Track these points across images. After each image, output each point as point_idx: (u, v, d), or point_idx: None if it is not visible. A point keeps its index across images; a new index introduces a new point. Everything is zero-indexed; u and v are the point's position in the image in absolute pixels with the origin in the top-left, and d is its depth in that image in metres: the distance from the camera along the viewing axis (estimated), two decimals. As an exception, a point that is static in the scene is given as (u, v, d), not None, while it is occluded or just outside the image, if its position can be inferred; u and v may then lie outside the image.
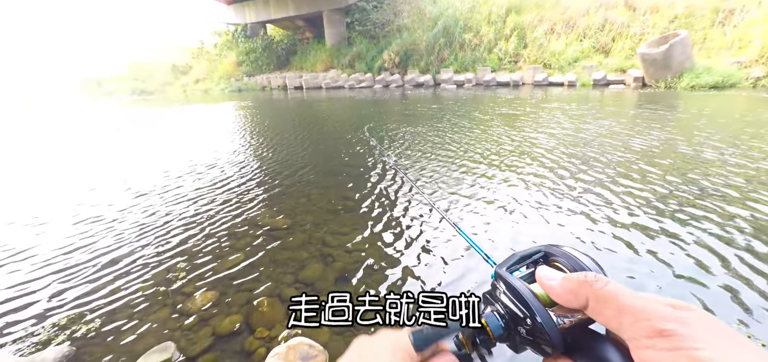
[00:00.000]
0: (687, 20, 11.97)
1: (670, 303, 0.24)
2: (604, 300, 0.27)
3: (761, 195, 2.84)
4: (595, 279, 0.29)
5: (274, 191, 3.64)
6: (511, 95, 10.83)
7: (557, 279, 0.32)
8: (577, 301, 0.29)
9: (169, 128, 8.77)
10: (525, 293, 0.33)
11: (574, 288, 0.30)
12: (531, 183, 3.38)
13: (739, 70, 9.87)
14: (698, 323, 0.22)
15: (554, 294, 0.31)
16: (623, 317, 0.25)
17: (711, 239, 2.28)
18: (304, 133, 6.63)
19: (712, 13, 11.64)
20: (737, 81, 9.64)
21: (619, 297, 0.26)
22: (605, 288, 0.27)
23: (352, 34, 19.36)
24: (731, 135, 4.70)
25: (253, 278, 2.17)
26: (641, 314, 0.24)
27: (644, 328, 0.24)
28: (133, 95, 24.29)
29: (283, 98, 14.76)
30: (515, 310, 0.33)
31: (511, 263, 0.38)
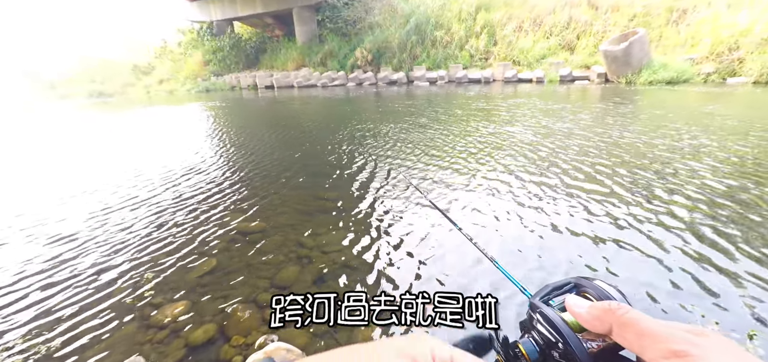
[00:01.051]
0: (645, 19, 12.62)
1: (689, 329, 0.27)
2: (626, 325, 0.30)
3: (710, 178, 3.04)
4: (618, 306, 0.32)
5: (247, 194, 3.53)
6: (483, 92, 11.05)
7: (585, 307, 0.35)
8: (602, 326, 0.33)
9: (133, 132, 8.35)
10: (557, 320, 0.36)
11: (599, 314, 0.33)
12: (515, 176, 3.46)
13: (691, 66, 10.51)
14: (710, 345, 0.25)
15: (582, 320, 0.35)
16: (643, 340, 0.28)
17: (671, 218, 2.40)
18: (277, 133, 6.49)
19: (667, 13, 12.34)
20: (690, 77, 10.27)
21: (639, 323, 0.29)
22: (627, 315, 0.31)
23: (323, 32, 19.12)
24: (685, 125, 5.00)
25: (226, 285, 2.09)
26: (659, 337, 0.27)
27: (661, 350, 0.26)
28: (91, 97, 22.98)
29: (254, 97, 14.39)
30: (549, 336, 0.37)
31: (544, 293, 0.41)
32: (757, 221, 2.40)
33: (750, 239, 2.20)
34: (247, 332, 1.72)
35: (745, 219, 2.43)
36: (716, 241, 2.20)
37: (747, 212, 2.53)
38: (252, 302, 1.93)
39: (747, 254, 2.06)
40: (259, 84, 18.40)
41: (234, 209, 3.14)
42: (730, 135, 4.42)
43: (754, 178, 3.10)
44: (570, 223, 2.53)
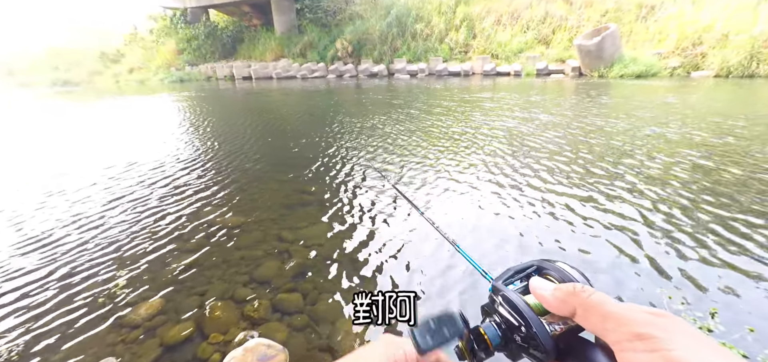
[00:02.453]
0: (616, 14, 13.01)
1: (651, 311, 0.27)
2: (590, 308, 0.30)
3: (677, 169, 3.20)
4: (582, 289, 0.32)
5: (225, 187, 3.46)
6: (463, 85, 11.16)
7: (548, 289, 0.35)
8: (566, 309, 0.32)
9: (102, 123, 7.98)
10: (519, 303, 0.35)
11: (563, 297, 0.33)
12: (494, 167, 3.52)
13: (659, 60, 10.95)
14: (672, 327, 0.25)
15: (546, 303, 0.34)
16: (607, 323, 0.28)
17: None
18: (255, 125, 6.36)
19: (637, 9, 12.76)
20: (658, 70, 10.69)
21: (603, 305, 0.29)
22: (591, 298, 0.30)
23: (302, 22, 18.76)
24: (651, 116, 5.22)
25: (204, 281, 2.06)
26: (623, 320, 0.27)
27: (625, 333, 0.26)
28: (55, 85, 21.80)
29: (231, 88, 14.02)
30: (511, 320, 0.36)
31: (506, 277, 0.40)
32: (712, 200, 2.54)
33: (707, 221, 2.33)
34: (226, 329, 1.69)
35: (702, 200, 2.57)
36: (677, 222, 2.33)
37: (702, 194, 2.68)
38: (230, 298, 1.90)
39: (708, 234, 2.19)
40: (237, 75, 17.91)
41: (211, 204, 3.07)
42: (690, 124, 4.65)
43: (708, 162, 3.28)
44: (537, 208, 2.61)
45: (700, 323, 1.58)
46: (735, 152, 3.70)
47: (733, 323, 1.57)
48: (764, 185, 2.89)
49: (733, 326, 1.56)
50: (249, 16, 21.44)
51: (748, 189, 2.83)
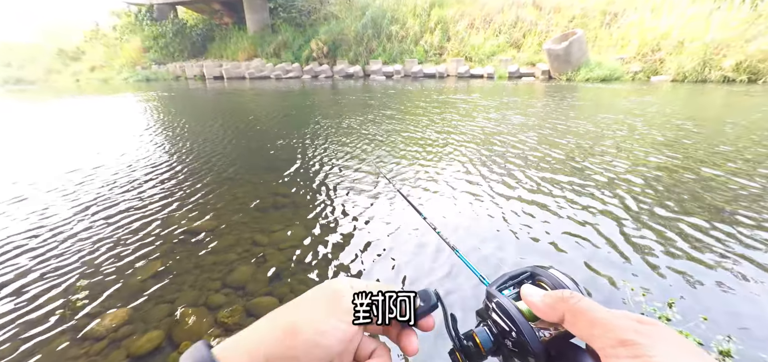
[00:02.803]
0: (582, 20, 13.59)
1: (636, 317, 0.28)
2: (578, 314, 0.31)
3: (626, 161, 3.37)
4: (571, 295, 0.32)
5: (196, 191, 3.34)
6: (438, 86, 11.31)
7: (538, 296, 0.35)
8: (555, 315, 0.33)
9: (62, 124, 7.53)
10: (511, 309, 0.36)
11: (552, 303, 0.33)
12: (470, 168, 3.58)
13: (622, 65, 11.52)
14: (656, 335, 0.26)
15: (535, 309, 0.35)
16: (594, 329, 0.29)
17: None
18: (228, 127, 6.19)
19: (601, 15, 13.38)
20: (621, 75, 11.25)
21: (590, 311, 0.30)
22: (579, 304, 0.31)
23: (276, 21, 18.44)
24: (614, 117, 5.48)
25: (174, 288, 1.98)
26: (608, 326, 0.27)
27: (610, 339, 0.27)
28: (7, 84, 20.39)
29: (202, 88, 13.58)
30: (502, 325, 0.37)
31: (500, 282, 0.41)
32: (671, 198, 2.70)
33: (667, 217, 2.47)
34: (198, 336, 1.64)
35: (662, 198, 2.73)
36: (640, 219, 2.46)
37: (662, 192, 2.84)
38: (202, 305, 1.84)
39: (668, 229, 2.32)
40: (207, 74, 17.36)
41: (181, 208, 2.96)
42: (650, 124, 4.93)
43: (666, 162, 3.48)
44: (509, 206, 2.69)
45: (658, 312, 1.67)
46: (688, 152, 3.95)
47: (689, 312, 1.68)
48: (716, 184, 3.10)
49: (688, 314, 1.66)
50: (220, 14, 20.85)
51: (703, 187, 3.03)
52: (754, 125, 5.06)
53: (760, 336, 1.54)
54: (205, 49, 20.15)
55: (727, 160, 3.66)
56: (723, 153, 3.87)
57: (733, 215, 2.54)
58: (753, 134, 4.62)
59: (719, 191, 2.94)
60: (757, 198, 2.80)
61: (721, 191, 2.94)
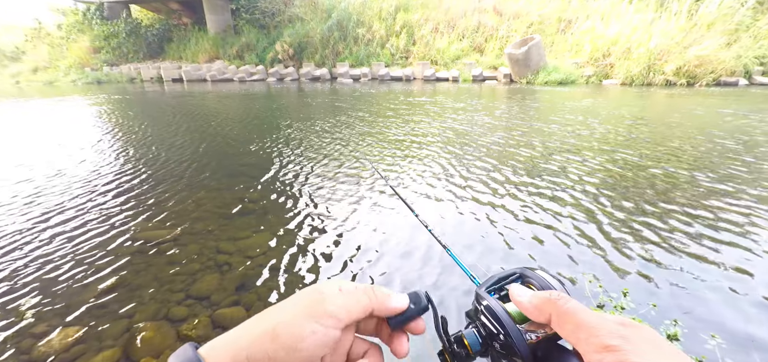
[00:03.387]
0: (540, 26, 14.26)
1: (620, 320, 0.28)
2: (564, 316, 0.31)
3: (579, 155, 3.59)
4: (558, 297, 0.33)
5: (156, 198, 3.18)
6: (406, 89, 11.44)
7: (526, 296, 0.36)
8: (542, 316, 0.33)
9: (3, 130, 6.89)
10: (499, 311, 0.36)
11: (539, 304, 0.34)
12: (440, 166, 3.64)
13: (577, 69, 12.19)
14: (640, 339, 0.26)
15: (523, 309, 0.35)
16: (579, 332, 0.29)
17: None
18: (190, 131, 5.93)
19: (557, 22, 14.11)
20: (576, 78, 11.91)
21: (576, 314, 0.30)
22: (566, 306, 0.31)
23: (239, 23, 17.92)
24: (572, 117, 5.81)
25: (131, 302, 1.87)
26: (593, 330, 0.28)
27: (595, 344, 0.27)
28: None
29: (160, 91, 12.93)
30: (490, 327, 0.37)
31: (489, 284, 0.42)
32: (623, 194, 2.90)
33: (621, 211, 2.65)
34: (159, 351, 1.56)
35: (615, 194, 2.92)
36: (595, 214, 2.61)
37: (615, 188, 3.05)
38: (163, 318, 1.76)
39: (622, 224, 2.48)
40: (166, 76, 16.56)
41: (139, 217, 2.80)
42: (606, 123, 5.26)
43: (620, 160, 3.74)
44: (476, 204, 2.78)
45: (614, 302, 1.79)
46: (638, 152, 4.25)
47: (641, 301, 1.80)
48: (663, 181, 3.35)
49: (640, 303, 1.79)
50: (178, 13, 19.98)
51: (650, 184, 3.27)
52: (694, 125, 5.53)
53: (701, 319, 1.69)
54: (162, 50, 19.21)
55: (671, 158, 3.98)
56: (668, 152, 4.20)
57: (677, 210, 2.76)
58: (697, 133, 5.05)
59: (666, 188, 3.18)
60: (697, 193, 3.06)
61: (668, 188, 3.18)
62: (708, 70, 10.52)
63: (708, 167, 3.65)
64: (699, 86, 10.43)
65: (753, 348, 1.54)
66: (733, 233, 2.40)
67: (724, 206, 2.78)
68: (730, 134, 4.93)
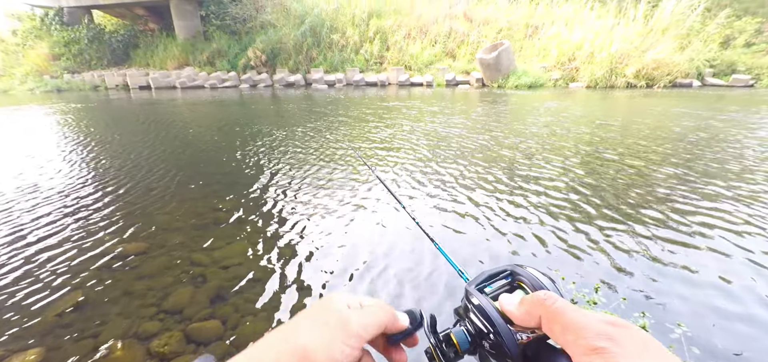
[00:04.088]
0: (509, 32, 14.71)
1: (607, 320, 0.28)
2: (553, 317, 0.30)
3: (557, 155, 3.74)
4: (547, 297, 0.32)
5: (124, 211, 3.05)
6: (381, 94, 11.50)
7: (514, 304, 0.35)
8: (532, 320, 0.33)
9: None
10: (489, 310, 0.36)
11: (529, 309, 0.33)
12: (415, 168, 3.68)
13: (544, 73, 12.66)
14: (628, 340, 0.26)
15: (514, 317, 0.35)
16: (567, 334, 0.29)
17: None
18: (158, 140, 5.72)
19: (525, 28, 14.61)
20: (544, 82, 12.35)
21: (564, 314, 0.30)
22: (554, 306, 0.31)
23: (209, 29, 17.47)
24: (542, 118, 6.02)
25: (98, 320, 1.79)
26: (581, 332, 0.28)
27: (583, 346, 0.27)
28: None
29: (126, 99, 12.41)
30: (480, 326, 0.36)
31: (479, 281, 0.41)
32: (592, 192, 3.04)
33: (590, 210, 2.77)
34: (130, 370, 1.50)
35: (587, 189, 3.06)
36: (567, 212, 2.72)
37: (587, 185, 3.18)
38: (133, 336, 1.69)
39: (591, 222, 2.60)
40: (132, 84, 15.89)
41: (107, 230, 2.68)
42: (574, 125, 5.49)
43: (587, 159, 3.91)
44: (450, 202, 2.83)
45: (587, 297, 1.87)
46: (605, 151, 4.46)
47: (611, 295, 1.89)
48: (630, 178, 3.53)
49: (610, 297, 1.87)
50: (144, 19, 19.28)
51: (616, 182, 3.44)
52: (654, 125, 5.85)
53: (667, 309, 1.79)
54: (127, 57, 18.46)
55: (635, 158, 4.19)
56: (633, 152, 4.43)
57: (643, 206, 2.92)
58: (657, 133, 5.35)
59: (631, 186, 3.35)
60: (660, 191, 3.24)
61: (633, 186, 3.35)
62: (665, 73, 11.18)
63: (669, 165, 3.88)
64: (657, 88, 11.06)
65: (714, 333, 1.64)
66: (693, 227, 2.56)
67: (684, 203, 2.96)
68: (687, 133, 5.25)
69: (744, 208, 2.81)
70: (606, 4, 13.59)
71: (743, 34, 12.01)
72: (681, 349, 1.54)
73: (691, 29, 11.86)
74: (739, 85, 10.97)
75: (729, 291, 1.90)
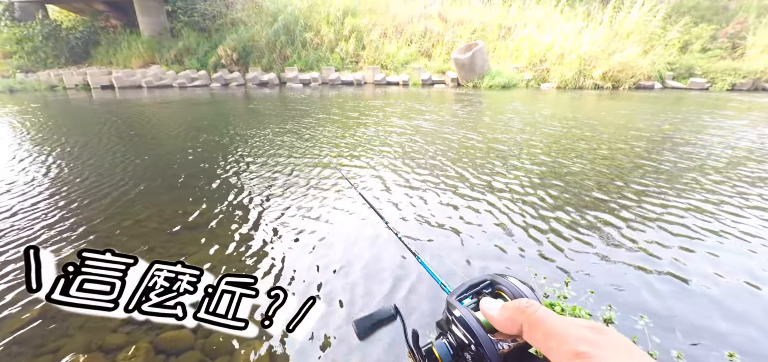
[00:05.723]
0: (482, 33, 14.99)
1: (588, 325, 0.28)
2: (535, 324, 0.30)
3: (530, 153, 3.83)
4: (528, 305, 0.32)
5: (85, 218, 2.87)
6: (358, 93, 11.44)
7: (497, 309, 0.35)
8: (513, 327, 0.33)
9: None
10: (470, 321, 0.36)
11: (510, 315, 0.33)
12: (390, 168, 3.66)
13: (517, 73, 12.99)
14: (610, 345, 0.26)
15: (495, 322, 0.35)
16: (549, 341, 0.29)
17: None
18: (123, 143, 5.44)
19: (498, 29, 14.94)
20: (517, 82, 12.68)
21: (546, 321, 0.30)
22: (535, 314, 0.31)
23: (176, 25, 16.81)
24: (516, 117, 6.17)
25: (56, 335, 1.67)
26: (563, 338, 0.28)
27: (565, 352, 0.27)
28: None
29: (87, 99, 11.75)
30: (462, 337, 0.36)
31: (460, 292, 0.40)
32: (563, 190, 3.13)
33: (561, 208, 2.85)
34: (92, 387, 1.40)
35: (556, 192, 3.15)
36: (538, 210, 2.79)
37: (556, 186, 3.28)
38: (97, 349, 1.59)
39: (563, 220, 2.67)
40: (93, 83, 15.05)
41: (68, 238, 2.51)
42: (546, 124, 5.66)
43: (557, 159, 4.03)
44: (421, 198, 2.85)
45: (557, 292, 1.91)
46: (576, 150, 4.61)
47: (580, 289, 1.95)
48: (597, 176, 3.66)
49: (579, 291, 1.93)
50: (105, 15, 18.32)
51: (586, 182, 3.56)
52: (620, 125, 6.11)
53: (631, 302, 1.86)
54: (88, 55, 17.49)
55: (603, 157, 4.36)
56: (600, 152, 4.60)
57: (610, 204, 3.03)
58: (622, 133, 5.58)
59: (599, 184, 3.48)
60: (625, 189, 3.38)
61: (600, 184, 3.48)
62: (629, 75, 11.72)
63: (633, 165, 4.06)
64: (622, 89, 11.57)
65: (675, 323, 1.72)
66: (656, 223, 2.68)
67: (647, 201, 3.10)
68: (649, 133, 5.52)
69: (701, 204, 2.97)
70: (575, 8, 14.10)
71: (700, 39, 12.76)
72: (644, 338, 1.61)
73: (653, 35, 12.49)
74: (696, 88, 11.65)
75: (687, 283, 2.00)
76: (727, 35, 12.74)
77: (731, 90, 11.25)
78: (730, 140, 4.89)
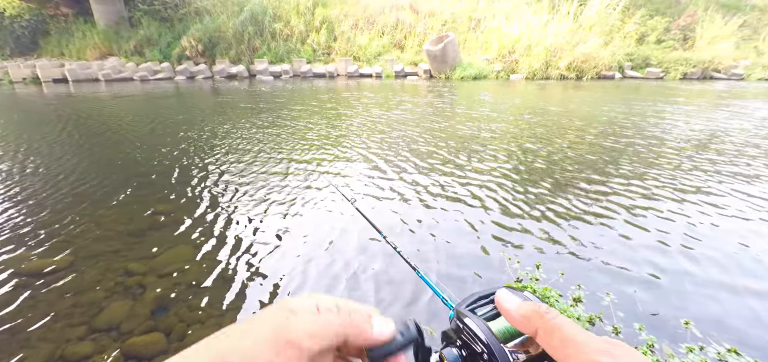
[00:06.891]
0: (453, 25, 15.14)
1: (605, 340, 0.29)
2: (552, 331, 0.31)
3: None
4: (547, 310, 0.32)
5: (40, 222, 2.69)
6: (330, 86, 11.29)
7: (514, 303, 0.34)
8: (528, 327, 0.33)
9: None
10: (483, 330, 0.35)
11: (527, 314, 0.33)
12: (366, 162, 3.65)
13: (488, 65, 13.24)
14: (626, 357, 0.27)
15: (509, 317, 0.34)
16: (567, 348, 0.29)
17: (484, 194, 3.02)
18: (80, 140, 5.12)
19: (468, 21, 15.13)
20: (488, 73, 12.94)
21: (563, 328, 0.30)
22: (554, 320, 0.31)
23: (135, 14, 15.89)
24: (489, 108, 6.31)
25: (17, 346, 1.57)
26: (581, 347, 0.28)
27: (582, 359, 0.28)
28: None
29: (38, 93, 10.95)
30: (473, 347, 0.35)
31: (470, 302, 0.39)
32: (533, 177, 3.25)
33: (531, 195, 2.96)
34: (58, 399, 1.34)
35: (527, 178, 3.26)
36: (509, 199, 2.88)
37: (526, 174, 3.40)
38: (61, 358, 1.51)
39: (534, 206, 2.77)
40: (44, 76, 14.02)
41: (22, 244, 2.35)
42: (515, 113, 5.83)
43: (528, 146, 4.17)
44: (395, 192, 2.88)
45: (530, 274, 1.99)
46: (544, 138, 4.78)
47: (551, 270, 2.04)
48: (565, 162, 3.82)
49: (550, 273, 2.02)
50: (54, 3, 17.04)
51: (554, 168, 3.70)
52: (584, 114, 6.38)
53: (599, 281, 1.97)
54: (36, 46, 16.28)
55: (570, 144, 4.54)
56: (567, 139, 4.79)
57: (577, 188, 3.17)
58: (588, 121, 5.83)
59: (566, 170, 3.63)
60: (590, 174, 3.55)
61: (567, 170, 3.63)
62: (592, 66, 12.23)
63: (598, 150, 4.25)
64: (585, 80, 12.07)
65: (636, 299, 1.84)
66: (619, 207, 2.84)
67: (610, 184, 3.27)
68: (610, 120, 5.79)
69: (658, 189, 3.17)
70: (541, 1, 14.48)
71: (655, 31, 13.48)
72: (610, 313, 1.71)
73: (613, 27, 13.07)
74: (652, 78, 12.33)
75: (648, 261, 2.14)
76: (679, 27, 13.53)
77: (683, 79, 11.99)
78: (683, 126, 5.23)
